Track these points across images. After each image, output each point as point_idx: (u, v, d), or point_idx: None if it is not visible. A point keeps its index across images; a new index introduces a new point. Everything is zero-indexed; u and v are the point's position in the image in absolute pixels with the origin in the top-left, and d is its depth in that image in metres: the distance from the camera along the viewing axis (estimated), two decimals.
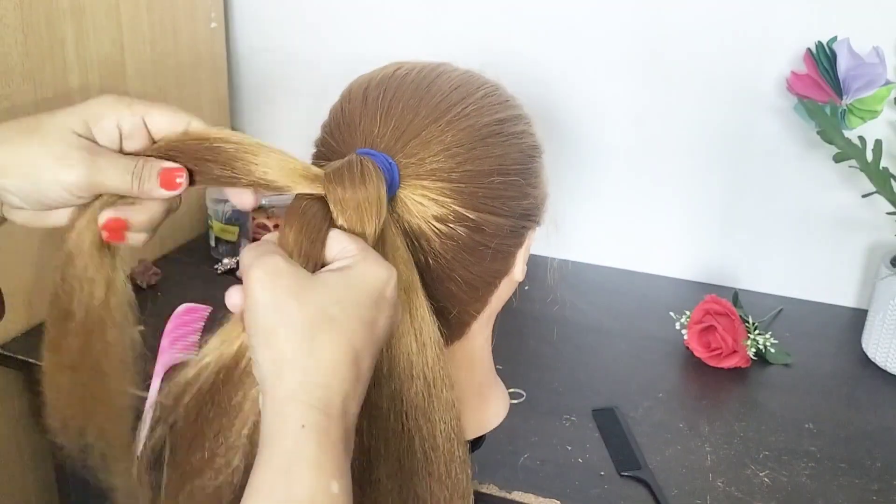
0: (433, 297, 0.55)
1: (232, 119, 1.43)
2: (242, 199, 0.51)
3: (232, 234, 1.25)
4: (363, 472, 0.50)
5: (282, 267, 0.44)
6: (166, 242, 1.27)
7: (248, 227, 1.26)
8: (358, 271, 0.45)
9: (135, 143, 0.51)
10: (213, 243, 1.28)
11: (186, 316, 0.98)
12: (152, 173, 0.49)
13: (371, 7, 1.31)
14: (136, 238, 0.51)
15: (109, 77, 1.10)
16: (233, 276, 1.20)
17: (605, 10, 1.19)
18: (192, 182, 0.51)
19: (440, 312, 0.56)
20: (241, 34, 1.40)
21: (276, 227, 0.56)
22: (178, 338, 0.97)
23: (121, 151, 0.51)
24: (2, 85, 0.93)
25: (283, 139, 1.65)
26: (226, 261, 1.22)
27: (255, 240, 0.99)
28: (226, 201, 1.25)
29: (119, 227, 0.50)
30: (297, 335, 0.42)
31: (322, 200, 0.49)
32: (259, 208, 1.25)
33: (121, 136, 0.51)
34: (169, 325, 0.97)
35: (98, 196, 0.50)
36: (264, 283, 0.43)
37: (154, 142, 0.51)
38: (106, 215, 0.50)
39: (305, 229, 0.47)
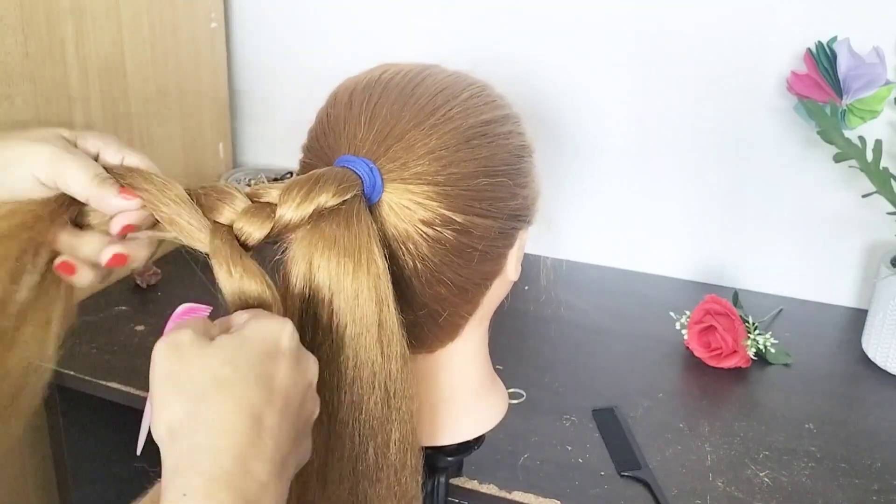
0: (422, 301, 0.54)
1: (232, 119, 1.43)
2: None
3: None
4: (321, 468, 0.51)
5: (183, 339, 0.46)
6: (166, 242, 1.27)
7: None
8: (249, 328, 0.46)
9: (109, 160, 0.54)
10: None
11: (186, 316, 0.98)
12: (115, 183, 0.51)
13: (371, 7, 1.31)
14: (83, 276, 0.55)
15: (109, 77, 1.10)
16: None
17: (605, 10, 1.19)
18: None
19: (431, 315, 0.56)
20: (241, 34, 1.40)
21: None
22: None
23: None
24: (2, 85, 0.93)
25: (284, 139, 1.64)
26: None
27: None
28: None
29: (119, 261, 0.54)
30: (188, 401, 0.43)
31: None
32: None
33: (98, 155, 0.53)
34: (169, 325, 0.97)
35: (58, 196, 0.51)
36: (164, 354, 0.46)
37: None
38: (111, 250, 0.54)
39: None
